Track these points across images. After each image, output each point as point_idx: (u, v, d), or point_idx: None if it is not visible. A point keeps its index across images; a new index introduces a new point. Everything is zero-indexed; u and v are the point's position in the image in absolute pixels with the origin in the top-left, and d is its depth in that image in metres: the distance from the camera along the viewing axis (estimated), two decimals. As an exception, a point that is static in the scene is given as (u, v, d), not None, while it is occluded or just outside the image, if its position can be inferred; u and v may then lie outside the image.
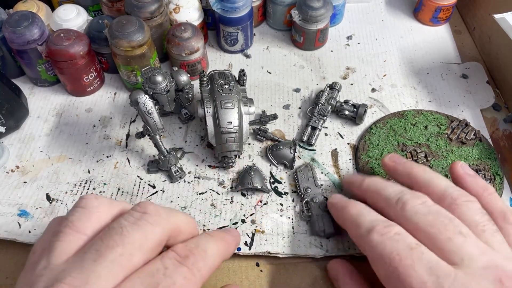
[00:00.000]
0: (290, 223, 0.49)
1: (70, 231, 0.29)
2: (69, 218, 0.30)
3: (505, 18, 0.52)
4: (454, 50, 0.69)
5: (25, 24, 0.56)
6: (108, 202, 0.32)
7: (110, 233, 0.29)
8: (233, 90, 0.53)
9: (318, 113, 0.58)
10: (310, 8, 0.63)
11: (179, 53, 0.60)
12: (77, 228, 0.30)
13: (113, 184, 0.53)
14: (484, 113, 0.60)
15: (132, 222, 0.30)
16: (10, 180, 0.54)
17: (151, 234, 0.30)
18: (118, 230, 0.29)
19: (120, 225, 0.29)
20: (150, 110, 0.48)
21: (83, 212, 0.31)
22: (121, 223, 0.29)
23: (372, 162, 0.54)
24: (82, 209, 0.31)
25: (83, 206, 0.31)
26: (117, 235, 0.28)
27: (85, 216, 0.30)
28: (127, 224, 0.29)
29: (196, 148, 0.57)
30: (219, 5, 0.62)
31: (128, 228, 0.29)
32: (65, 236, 0.29)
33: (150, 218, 0.30)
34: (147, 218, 0.30)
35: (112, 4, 0.64)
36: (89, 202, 0.31)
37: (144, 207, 0.31)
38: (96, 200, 0.32)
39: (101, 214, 0.31)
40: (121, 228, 0.29)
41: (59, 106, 0.62)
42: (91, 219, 0.30)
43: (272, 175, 0.54)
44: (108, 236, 0.28)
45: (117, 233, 0.29)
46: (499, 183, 0.51)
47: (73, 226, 0.30)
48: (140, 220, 0.30)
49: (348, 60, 0.67)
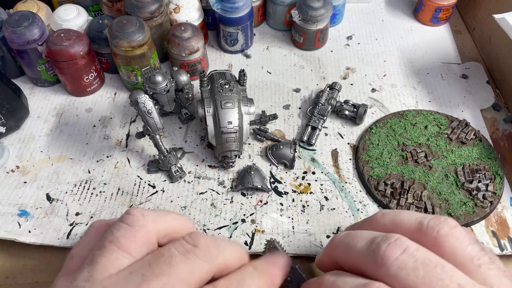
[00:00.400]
0: (290, 223, 0.49)
1: (115, 248, 0.29)
2: (114, 234, 0.30)
3: (505, 18, 0.52)
4: (454, 50, 0.69)
5: (25, 24, 0.56)
6: (154, 218, 0.31)
7: (159, 260, 0.28)
8: (233, 90, 0.53)
9: (318, 113, 0.58)
10: (310, 8, 0.63)
11: (179, 53, 0.60)
12: (123, 246, 0.29)
13: (113, 184, 0.53)
14: (484, 113, 0.60)
15: (182, 253, 0.29)
16: (10, 180, 0.54)
17: (198, 269, 0.29)
18: (167, 259, 0.29)
19: (170, 254, 0.29)
20: (150, 110, 0.48)
21: (129, 230, 0.30)
22: (171, 252, 0.29)
23: (372, 162, 0.54)
24: (128, 227, 0.30)
25: (129, 223, 0.30)
26: (165, 264, 0.28)
27: (131, 235, 0.30)
28: (177, 255, 0.29)
29: (196, 148, 0.57)
30: (219, 5, 0.62)
31: (177, 259, 0.29)
32: (110, 253, 0.29)
33: (200, 253, 0.29)
34: (197, 252, 0.29)
35: (112, 4, 0.64)
36: (135, 220, 0.31)
37: (196, 239, 0.30)
38: (142, 218, 0.31)
39: (146, 234, 0.30)
40: (171, 258, 0.29)
41: (59, 106, 0.62)
42: (136, 239, 0.30)
43: (272, 175, 0.54)
44: (157, 263, 0.28)
45: (165, 262, 0.28)
46: (499, 183, 0.51)
47: (118, 244, 0.29)
48: (189, 253, 0.29)
49: (348, 60, 0.68)
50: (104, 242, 0.30)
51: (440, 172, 0.52)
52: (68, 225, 0.49)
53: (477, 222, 0.49)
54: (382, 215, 0.35)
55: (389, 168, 0.53)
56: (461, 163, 0.53)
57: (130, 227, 0.30)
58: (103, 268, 0.28)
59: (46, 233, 0.48)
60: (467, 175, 0.52)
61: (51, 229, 0.49)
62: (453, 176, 0.52)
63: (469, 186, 0.50)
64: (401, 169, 0.53)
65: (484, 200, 0.49)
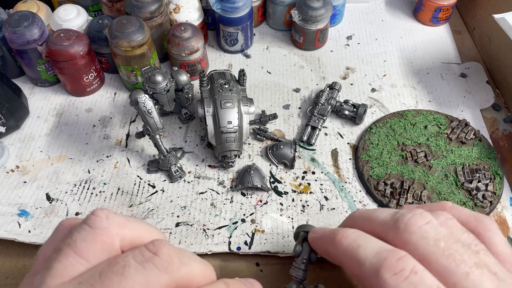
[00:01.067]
0: (290, 223, 0.49)
1: (71, 252, 0.27)
2: (73, 236, 0.27)
3: (505, 18, 0.52)
4: (454, 50, 0.69)
5: (25, 24, 0.56)
6: (120, 223, 0.28)
7: (111, 270, 0.26)
8: (233, 90, 0.53)
9: (318, 113, 0.58)
10: (310, 8, 0.63)
11: (179, 53, 0.60)
12: (79, 251, 0.27)
13: (113, 184, 0.53)
14: (484, 113, 0.60)
15: (139, 262, 0.26)
16: (10, 180, 0.54)
17: (155, 281, 0.26)
18: (119, 268, 0.26)
19: (124, 263, 0.26)
20: (150, 110, 0.48)
21: (89, 233, 0.27)
22: (126, 261, 0.26)
23: (372, 161, 0.54)
24: (89, 229, 0.28)
25: (91, 225, 0.28)
26: (117, 275, 0.25)
27: (90, 238, 0.27)
28: (132, 264, 0.26)
29: (196, 148, 0.57)
30: (219, 5, 0.62)
31: (131, 269, 0.26)
32: (65, 257, 0.26)
33: (159, 263, 0.26)
34: (156, 262, 0.26)
35: (112, 4, 0.64)
36: (98, 222, 0.28)
37: (157, 247, 0.27)
38: (106, 220, 0.28)
39: (108, 238, 0.28)
40: (124, 268, 0.26)
41: (59, 106, 0.62)
42: (96, 243, 0.27)
43: (272, 174, 0.54)
44: (108, 272, 0.26)
45: (117, 273, 0.25)
46: (499, 183, 0.51)
47: (75, 248, 0.27)
48: (147, 262, 0.26)
49: (348, 60, 0.68)
50: (63, 245, 0.27)
51: (439, 172, 0.52)
52: (68, 225, 0.49)
53: (477, 222, 0.49)
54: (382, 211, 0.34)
55: (389, 168, 0.53)
56: (460, 163, 0.53)
57: (91, 229, 0.27)
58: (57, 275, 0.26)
59: (46, 233, 0.48)
60: (466, 175, 0.52)
61: (51, 229, 0.49)
62: (452, 176, 0.52)
63: (468, 186, 0.50)
64: (401, 169, 0.53)
65: (484, 200, 0.49)
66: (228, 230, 0.49)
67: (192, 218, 0.50)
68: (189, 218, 0.50)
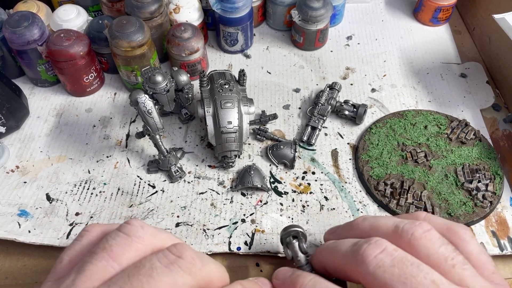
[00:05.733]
0: (290, 223, 0.49)
1: (106, 256, 0.28)
2: (109, 241, 0.29)
3: (505, 18, 0.52)
4: (454, 50, 0.69)
5: (25, 25, 0.56)
6: (153, 233, 0.31)
7: (139, 272, 0.27)
8: (233, 90, 0.53)
9: (318, 113, 0.58)
10: (310, 8, 0.63)
11: (179, 53, 0.60)
12: (114, 255, 0.28)
13: (113, 184, 0.53)
14: (484, 113, 0.60)
15: (165, 264, 0.28)
16: (10, 180, 0.54)
17: (181, 282, 0.28)
18: (148, 271, 0.27)
19: (151, 266, 0.28)
20: (150, 110, 0.48)
21: (125, 239, 0.29)
22: (152, 263, 0.28)
23: (372, 162, 0.54)
24: (125, 236, 0.29)
25: (126, 233, 0.30)
26: (145, 277, 0.27)
27: (125, 245, 0.29)
28: (159, 266, 0.27)
29: (196, 148, 0.57)
30: (219, 5, 0.62)
31: (159, 270, 0.27)
32: (99, 260, 0.28)
33: (183, 265, 0.28)
34: (181, 264, 0.28)
35: (112, 4, 0.64)
36: (133, 231, 0.30)
37: (180, 250, 0.29)
38: (141, 230, 0.30)
39: (142, 246, 0.29)
40: (151, 270, 0.27)
41: (59, 106, 0.62)
42: (131, 249, 0.29)
43: (272, 175, 0.54)
44: (136, 274, 0.27)
45: (146, 274, 0.27)
46: (499, 183, 0.51)
47: (110, 252, 0.28)
48: (173, 265, 0.28)
49: (348, 60, 0.68)
50: (97, 249, 0.29)
51: (439, 172, 0.52)
52: (68, 225, 0.49)
53: (477, 222, 0.49)
54: (362, 220, 0.36)
55: (389, 168, 0.53)
56: (461, 163, 0.53)
57: (127, 237, 0.29)
58: (90, 277, 0.27)
59: (46, 233, 0.48)
60: (466, 175, 0.52)
61: (51, 229, 0.49)
62: (452, 176, 0.52)
63: (468, 186, 0.50)
64: (401, 169, 0.53)
65: (484, 200, 0.49)
66: (228, 230, 0.49)
67: (192, 218, 0.50)
68: (189, 218, 0.50)
